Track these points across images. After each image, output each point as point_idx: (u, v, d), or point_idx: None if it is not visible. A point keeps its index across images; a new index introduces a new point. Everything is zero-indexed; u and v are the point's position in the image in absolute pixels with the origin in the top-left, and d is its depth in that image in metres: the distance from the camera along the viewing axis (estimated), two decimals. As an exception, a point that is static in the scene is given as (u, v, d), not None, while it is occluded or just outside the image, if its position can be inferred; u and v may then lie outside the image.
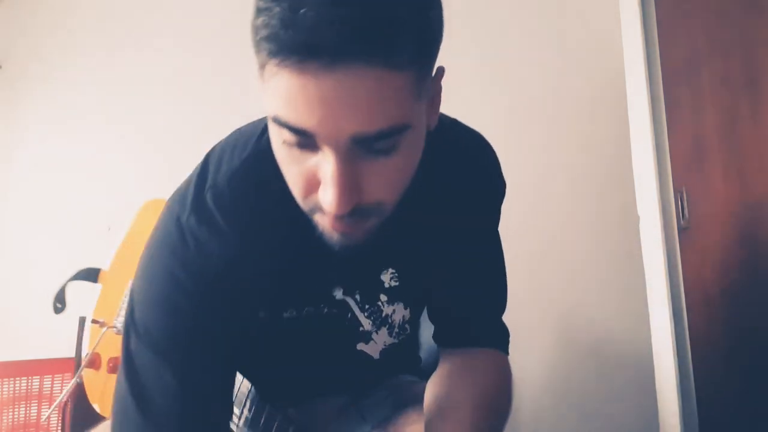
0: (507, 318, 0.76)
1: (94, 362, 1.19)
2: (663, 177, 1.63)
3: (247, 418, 0.68)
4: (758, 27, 1.26)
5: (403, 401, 0.80)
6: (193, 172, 0.64)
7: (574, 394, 1.64)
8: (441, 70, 0.53)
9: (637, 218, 1.66)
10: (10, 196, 2.54)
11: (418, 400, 0.77)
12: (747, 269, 1.32)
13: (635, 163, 1.68)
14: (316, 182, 0.48)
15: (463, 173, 0.69)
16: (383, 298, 0.71)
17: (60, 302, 1.36)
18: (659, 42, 1.68)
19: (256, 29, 0.43)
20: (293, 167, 0.49)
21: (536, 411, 1.64)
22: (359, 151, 0.45)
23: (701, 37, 1.48)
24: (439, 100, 0.55)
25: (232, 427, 0.70)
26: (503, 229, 0.78)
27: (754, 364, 1.29)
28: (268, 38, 0.42)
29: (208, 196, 0.59)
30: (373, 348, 0.73)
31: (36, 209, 2.44)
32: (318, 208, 0.49)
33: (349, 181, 0.46)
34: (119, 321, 1.17)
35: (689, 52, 1.53)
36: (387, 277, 0.70)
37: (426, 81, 0.48)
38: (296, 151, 0.47)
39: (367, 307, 0.71)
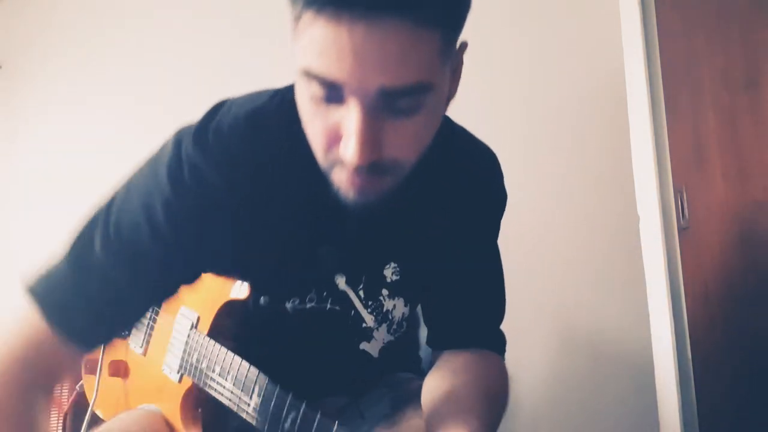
0: (506, 317, 0.76)
1: (92, 368, 1.17)
2: (663, 177, 1.63)
3: (257, 404, 0.68)
4: (758, 27, 1.26)
5: (402, 400, 0.80)
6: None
7: (574, 394, 1.64)
8: (464, 45, 0.56)
9: (637, 218, 1.66)
10: (11, 196, 2.54)
11: (416, 397, 0.77)
12: (747, 269, 1.32)
13: (635, 163, 1.68)
14: (338, 137, 0.50)
15: (472, 179, 0.71)
16: (384, 292, 0.72)
17: None
18: (659, 42, 1.68)
19: None
20: (317, 122, 0.51)
21: (535, 411, 1.64)
22: (384, 108, 0.48)
23: (701, 37, 1.47)
24: (460, 73, 0.57)
25: (242, 414, 0.71)
26: (504, 228, 0.78)
27: (754, 363, 1.29)
28: None
29: (210, 131, 0.61)
30: (374, 346, 0.74)
31: (36, 208, 2.44)
32: (338, 162, 0.51)
33: (372, 135, 0.48)
34: None
35: (689, 52, 1.53)
36: (389, 272, 0.71)
37: (452, 45, 0.51)
38: (323, 106, 0.49)
39: (369, 303, 0.72)
